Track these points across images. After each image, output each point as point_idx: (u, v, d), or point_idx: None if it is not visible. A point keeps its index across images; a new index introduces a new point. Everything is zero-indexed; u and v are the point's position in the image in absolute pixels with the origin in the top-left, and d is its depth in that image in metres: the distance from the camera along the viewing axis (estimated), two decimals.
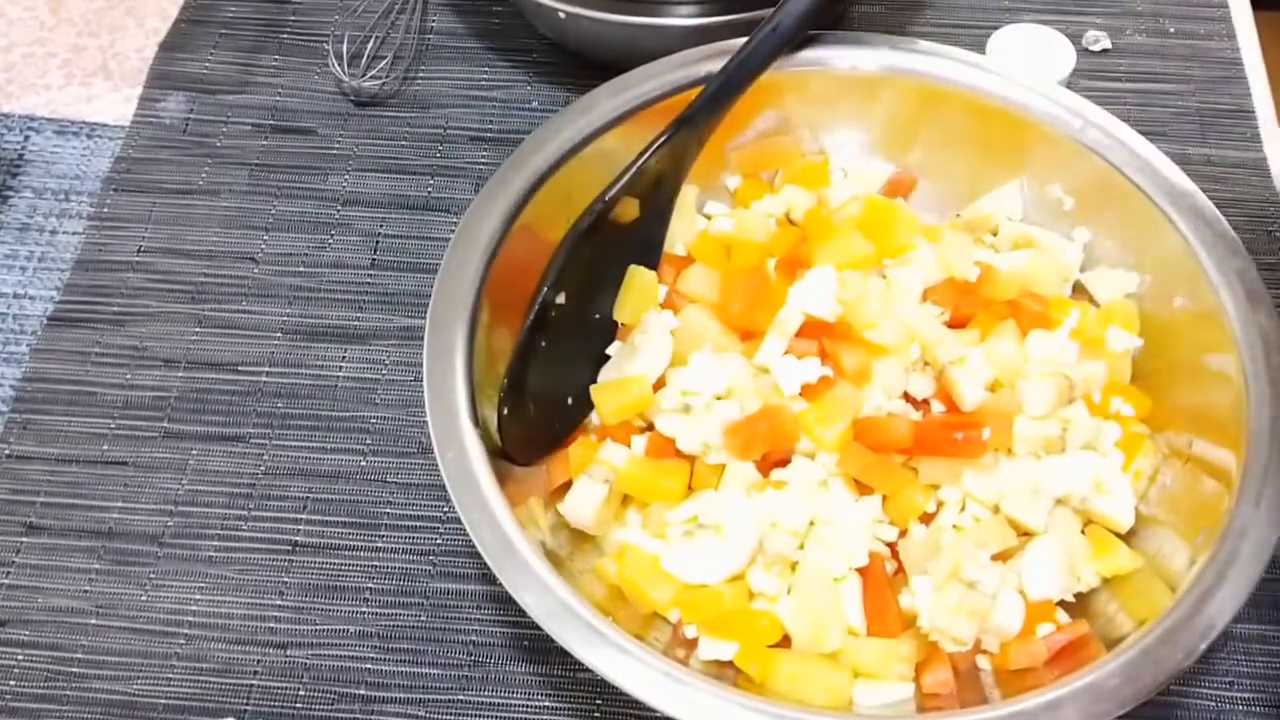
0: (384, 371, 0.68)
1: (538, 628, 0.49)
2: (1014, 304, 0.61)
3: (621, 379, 0.59)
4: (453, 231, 0.59)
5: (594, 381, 0.60)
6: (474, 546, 0.51)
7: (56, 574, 0.62)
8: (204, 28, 0.83)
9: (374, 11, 0.82)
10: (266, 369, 0.69)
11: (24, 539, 0.63)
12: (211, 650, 0.60)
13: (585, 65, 0.78)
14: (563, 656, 0.55)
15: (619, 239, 0.60)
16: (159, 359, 0.69)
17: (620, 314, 0.61)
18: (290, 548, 0.63)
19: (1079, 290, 0.65)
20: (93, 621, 0.61)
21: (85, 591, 0.61)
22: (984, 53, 0.73)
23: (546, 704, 0.58)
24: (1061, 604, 0.56)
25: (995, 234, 0.67)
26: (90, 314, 0.71)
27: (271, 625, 0.60)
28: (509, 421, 0.55)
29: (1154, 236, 0.61)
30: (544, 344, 0.58)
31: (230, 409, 0.67)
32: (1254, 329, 0.56)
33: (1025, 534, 0.56)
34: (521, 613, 0.49)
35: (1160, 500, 0.58)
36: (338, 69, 0.78)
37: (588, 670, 0.48)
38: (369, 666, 0.59)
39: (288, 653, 0.60)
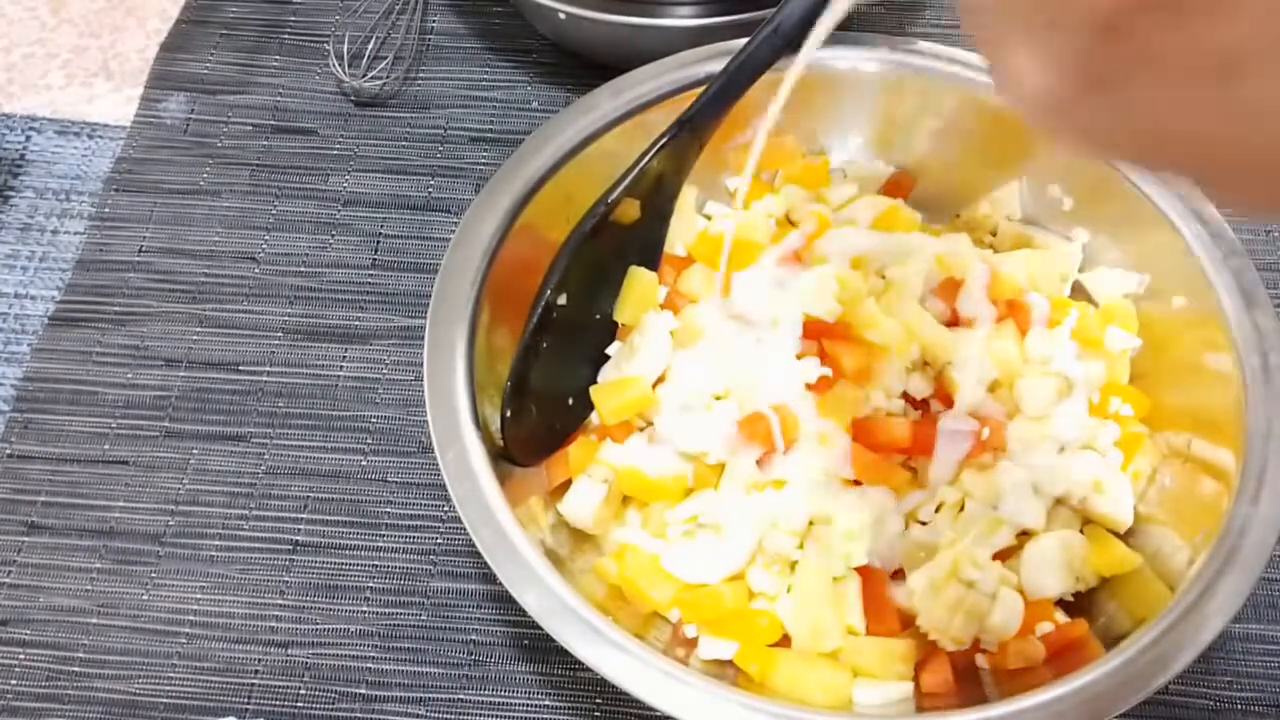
0: (384, 371, 0.69)
1: (538, 627, 0.49)
2: (1014, 304, 0.61)
3: (621, 379, 0.59)
4: (453, 232, 0.59)
5: (594, 382, 0.60)
6: (474, 546, 0.51)
7: (58, 573, 0.62)
8: (205, 28, 0.83)
9: (374, 12, 0.82)
10: (267, 369, 0.69)
11: (25, 538, 0.63)
12: (212, 649, 0.60)
13: (585, 65, 0.78)
14: (563, 656, 0.56)
15: (620, 240, 0.60)
16: (160, 358, 0.69)
17: (620, 314, 0.61)
18: (291, 547, 0.63)
19: (1078, 290, 0.65)
20: (94, 621, 0.61)
21: (86, 591, 0.62)
22: None
23: (547, 703, 0.58)
24: (1060, 603, 0.56)
25: (995, 234, 0.67)
26: (91, 314, 0.71)
27: (272, 624, 0.60)
28: (512, 423, 0.55)
29: (1153, 236, 0.61)
30: (545, 345, 0.58)
31: (231, 408, 0.67)
32: (1252, 329, 0.56)
33: (1024, 533, 0.56)
34: (522, 612, 0.49)
35: (1159, 500, 0.58)
36: (338, 69, 0.78)
37: (588, 669, 0.48)
38: (370, 665, 0.59)
39: (289, 652, 0.60)
